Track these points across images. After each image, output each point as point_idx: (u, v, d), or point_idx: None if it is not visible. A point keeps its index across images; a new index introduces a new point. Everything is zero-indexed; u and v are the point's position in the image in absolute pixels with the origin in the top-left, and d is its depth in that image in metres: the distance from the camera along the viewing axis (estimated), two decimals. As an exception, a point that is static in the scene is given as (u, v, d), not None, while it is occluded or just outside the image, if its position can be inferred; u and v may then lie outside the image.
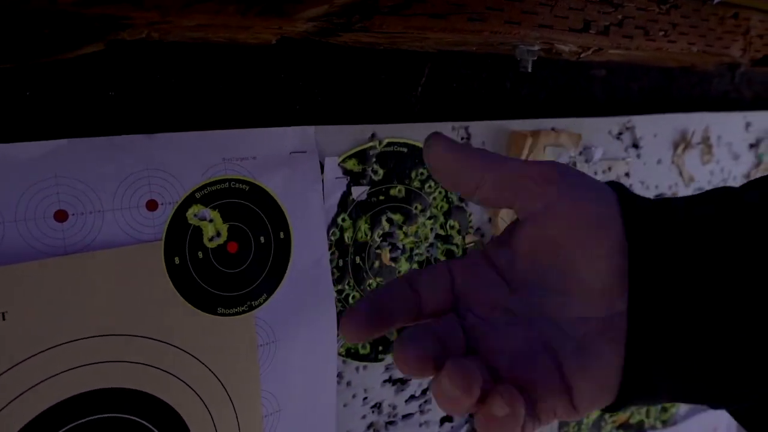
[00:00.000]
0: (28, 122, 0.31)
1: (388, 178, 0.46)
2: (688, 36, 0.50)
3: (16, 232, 0.31)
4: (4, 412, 0.31)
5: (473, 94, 0.51)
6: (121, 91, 0.34)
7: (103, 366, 0.34)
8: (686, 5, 0.49)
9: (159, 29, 0.29)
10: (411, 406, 0.51)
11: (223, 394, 0.38)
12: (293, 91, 0.41)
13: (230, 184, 0.38)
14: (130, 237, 0.35)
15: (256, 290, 0.39)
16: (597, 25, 0.43)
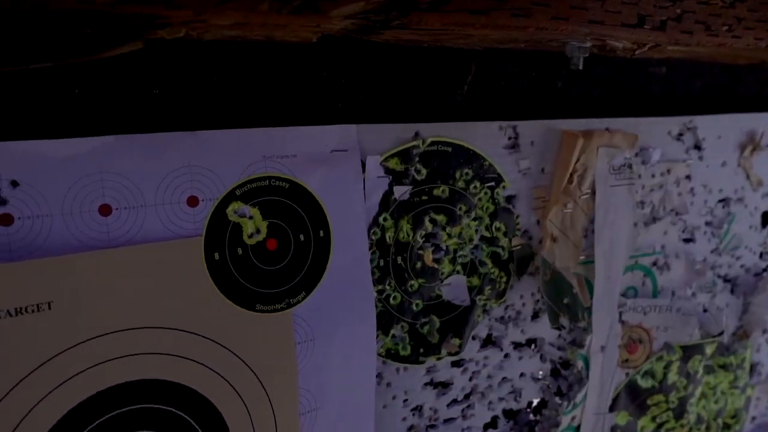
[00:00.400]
0: (74, 119, 0.32)
1: (431, 178, 0.45)
2: (755, 31, 0.47)
3: (63, 225, 0.32)
4: (49, 399, 0.32)
5: (522, 93, 0.50)
6: (165, 89, 0.35)
7: (143, 357, 0.35)
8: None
9: (195, 28, 0.29)
10: (453, 411, 0.50)
11: (260, 390, 0.38)
12: (335, 89, 0.41)
13: (270, 181, 0.38)
14: (171, 232, 0.35)
15: (294, 288, 0.39)
16: (653, 21, 0.41)
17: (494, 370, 0.52)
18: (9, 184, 0.31)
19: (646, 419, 0.61)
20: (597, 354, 0.56)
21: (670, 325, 0.58)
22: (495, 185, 0.48)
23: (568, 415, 0.56)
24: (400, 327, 0.46)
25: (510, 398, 0.53)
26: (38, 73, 0.31)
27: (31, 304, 0.31)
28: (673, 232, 0.58)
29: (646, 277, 0.58)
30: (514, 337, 0.52)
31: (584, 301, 0.53)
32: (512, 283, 0.51)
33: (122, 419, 0.35)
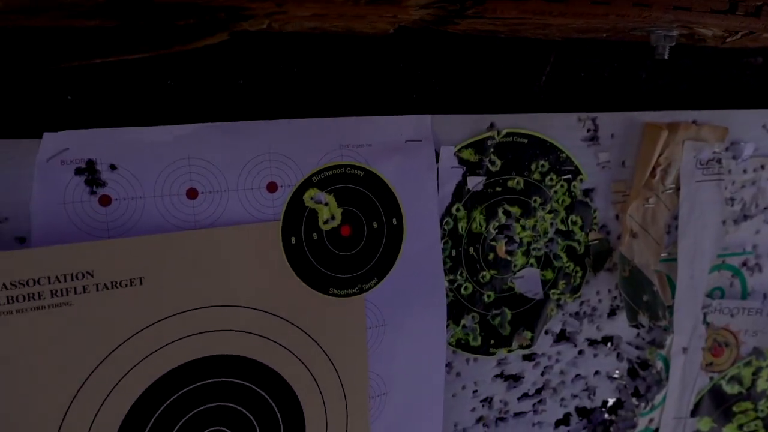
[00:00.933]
0: (166, 108, 0.35)
1: (506, 170, 0.45)
2: None
3: (154, 207, 0.35)
4: (138, 368, 0.35)
5: (603, 84, 0.48)
6: (248, 79, 0.36)
7: (223, 334, 0.37)
8: None
9: (277, 19, 0.31)
10: (524, 405, 0.50)
11: (331, 371, 0.40)
12: (411, 80, 0.42)
13: (346, 169, 0.39)
14: (251, 216, 0.37)
15: (367, 274, 0.41)
16: (746, 6, 0.39)
17: (567, 366, 0.51)
18: (108, 167, 0.34)
19: (731, 427, 0.58)
20: (678, 355, 0.54)
21: (760, 329, 0.55)
22: (572, 178, 0.47)
23: (646, 416, 0.54)
24: (471, 317, 0.46)
25: (584, 396, 0.52)
26: (134, 64, 0.33)
27: (125, 279, 0.34)
28: (767, 231, 0.55)
29: (735, 278, 0.55)
30: (589, 334, 0.51)
31: (665, 300, 0.51)
32: (588, 278, 0.50)
33: (202, 391, 0.37)
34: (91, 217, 0.34)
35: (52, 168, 0.33)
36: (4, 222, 0.32)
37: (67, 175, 0.33)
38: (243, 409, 0.38)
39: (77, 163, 0.33)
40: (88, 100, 0.33)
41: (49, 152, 0.33)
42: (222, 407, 0.37)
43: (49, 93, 0.33)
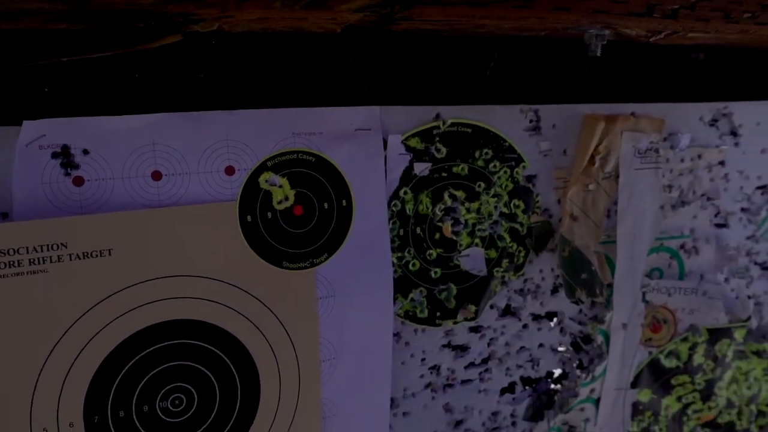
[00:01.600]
0: (133, 99, 0.39)
1: (451, 157, 0.49)
2: (783, 17, 0.47)
3: (122, 187, 0.39)
4: (107, 330, 0.39)
5: (546, 79, 0.52)
6: (209, 73, 0.40)
7: (185, 301, 0.41)
8: (781, -16, 0.46)
9: (226, 22, 0.35)
10: (470, 373, 0.55)
11: (284, 335, 0.44)
12: (361, 74, 0.46)
13: (298, 155, 0.44)
14: (211, 196, 0.41)
15: (318, 249, 0.45)
16: (662, 9, 0.42)
17: (512, 339, 0.55)
18: (81, 152, 0.38)
19: (670, 399, 0.62)
20: (618, 331, 0.58)
21: (695, 308, 0.59)
22: (515, 165, 0.51)
23: (587, 387, 0.59)
24: (419, 292, 0.50)
25: (528, 366, 0.57)
26: (105, 59, 0.37)
27: (96, 250, 0.38)
28: (704, 217, 0.59)
29: (673, 260, 0.59)
30: (533, 309, 0.56)
31: (603, 278, 0.56)
32: (531, 258, 0.54)
33: (166, 351, 0.41)
34: (66, 195, 0.38)
35: (31, 152, 0.37)
36: (-12, 199, 0.37)
37: (44, 158, 0.38)
38: (203, 368, 0.43)
39: (53, 148, 0.38)
40: (63, 92, 0.37)
41: (29, 138, 0.37)
42: (184, 366, 0.42)
43: (27, 86, 0.37)
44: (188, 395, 0.42)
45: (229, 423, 0.44)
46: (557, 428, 0.59)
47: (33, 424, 0.38)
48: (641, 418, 0.62)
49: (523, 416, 0.58)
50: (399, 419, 0.52)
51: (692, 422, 0.64)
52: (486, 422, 0.56)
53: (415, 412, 0.53)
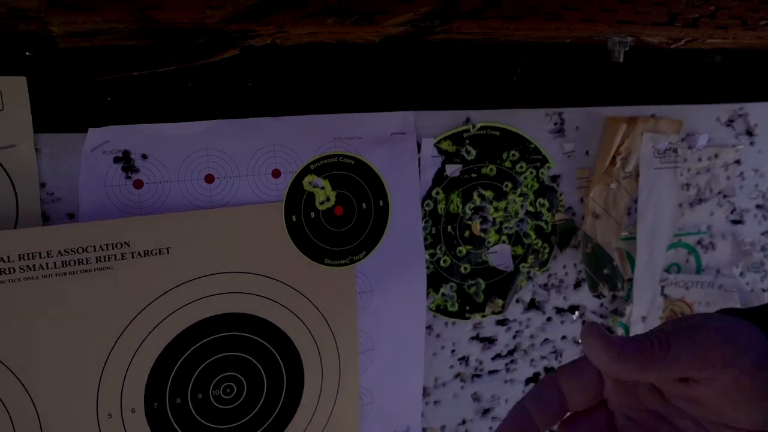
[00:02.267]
0: (189, 107, 0.42)
1: (480, 158, 0.52)
2: (798, 23, 0.50)
3: (178, 190, 0.42)
4: (165, 322, 0.42)
5: (569, 83, 0.55)
6: (256, 82, 0.43)
7: (235, 296, 0.44)
8: (796, -8, 0.48)
9: (279, 37, 0.37)
10: (497, 364, 0.57)
11: (326, 327, 0.47)
12: (397, 81, 0.48)
13: (339, 158, 0.46)
14: (258, 198, 0.44)
15: (357, 247, 0.48)
16: (683, 18, 0.45)
17: (537, 331, 0.58)
18: (140, 157, 0.41)
19: (687, 388, 0.64)
20: (638, 323, 0.60)
21: (711, 301, 0.62)
22: (540, 165, 0.54)
23: (608, 377, 0.61)
24: (449, 287, 0.53)
25: (551, 357, 0.60)
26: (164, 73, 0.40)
27: (155, 248, 0.41)
28: (720, 214, 0.61)
29: (690, 255, 0.61)
30: (557, 303, 0.58)
31: (624, 273, 0.58)
32: (555, 254, 0.56)
33: (218, 343, 0.44)
34: (127, 197, 0.41)
35: (96, 157, 0.40)
36: (57, 201, 0.40)
37: (107, 163, 0.40)
38: (252, 358, 0.45)
39: (115, 153, 0.41)
40: (124, 101, 0.40)
41: (93, 144, 0.40)
42: (234, 356, 0.45)
43: (93, 96, 0.40)
44: (238, 384, 0.45)
45: (276, 410, 0.47)
46: (579, 416, 0.62)
47: (99, 410, 0.41)
48: None
49: (546, 405, 0.60)
50: (430, 407, 0.55)
51: (708, 411, 0.67)
52: (512, 410, 0.59)
53: (446, 401, 0.55)
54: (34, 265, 0.38)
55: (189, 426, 0.44)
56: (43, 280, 0.38)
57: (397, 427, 0.53)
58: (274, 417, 0.47)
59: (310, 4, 0.34)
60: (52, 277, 0.39)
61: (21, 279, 0.38)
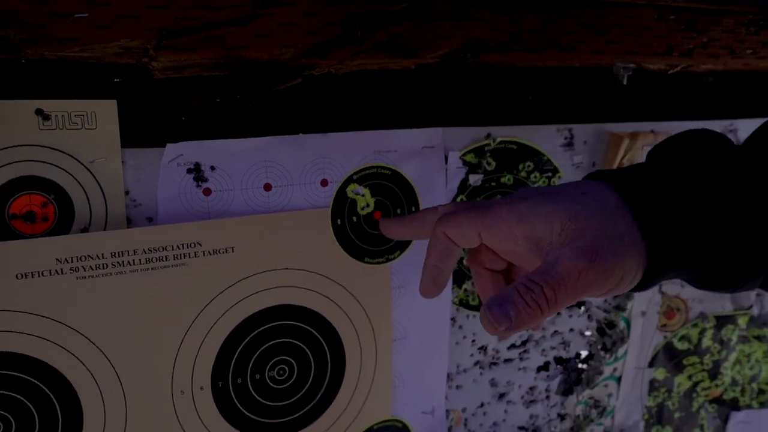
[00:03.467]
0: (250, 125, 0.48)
1: (499, 169, 0.58)
2: (780, 52, 0.56)
3: (240, 197, 0.48)
4: (230, 312, 0.49)
5: (578, 102, 0.61)
6: (308, 103, 0.49)
7: (288, 289, 0.50)
8: (779, 25, 0.55)
9: (335, 68, 0.44)
10: (512, 353, 0.64)
11: (365, 318, 0.54)
12: (429, 102, 0.55)
13: (378, 169, 0.53)
14: (309, 204, 0.51)
15: (392, 247, 0.54)
16: (680, 48, 0.51)
17: (547, 324, 0.65)
18: (209, 168, 0.47)
19: (682, 377, 0.71)
20: (638, 317, 0.67)
21: (704, 298, 0.68)
22: (552, 175, 0.60)
23: (610, 366, 0.68)
24: (471, 283, 0.59)
25: (560, 348, 0.66)
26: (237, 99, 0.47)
27: (222, 248, 0.48)
28: (712, 219, 0.68)
29: (685, 256, 0.68)
30: (565, 299, 0.65)
31: (626, 273, 0.65)
32: (564, 254, 0.63)
33: (274, 330, 0.51)
34: (197, 203, 0.47)
35: (171, 168, 0.46)
36: (139, 206, 0.46)
37: (181, 173, 0.47)
38: (302, 344, 0.52)
39: (188, 165, 0.47)
40: (196, 120, 0.46)
41: (170, 157, 0.46)
42: (286, 342, 0.51)
43: (170, 116, 0.46)
44: (290, 367, 0.52)
45: (321, 389, 0.53)
46: (584, 401, 0.68)
47: (174, 387, 0.47)
48: (657, 394, 0.71)
49: (555, 391, 0.67)
50: (453, 391, 0.61)
51: (701, 398, 0.73)
52: (524, 395, 0.65)
53: (466, 386, 0.62)
54: (122, 261, 0.45)
55: (247, 403, 0.51)
56: (129, 274, 0.45)
57: (424, 408, 0.59)
58: (319, 396, 0.53)
59: (363, 42, 0.41)
60: (137, 272, 0.45)
61: (112, 273, 0.44)
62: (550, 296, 0.36)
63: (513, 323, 0.36)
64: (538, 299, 0.36)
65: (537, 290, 0.36)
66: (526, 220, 0.39)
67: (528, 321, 0.36)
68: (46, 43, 0.35)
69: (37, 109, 0.41)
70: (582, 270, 0.36)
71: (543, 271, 0.37)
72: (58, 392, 0.44)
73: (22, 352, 0.42)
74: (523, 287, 0.36)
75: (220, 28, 0.37)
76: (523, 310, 0.36)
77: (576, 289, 0.36)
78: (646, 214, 0.37)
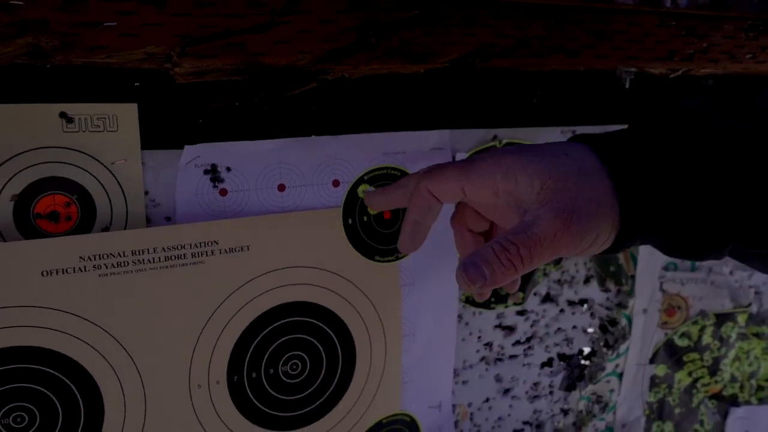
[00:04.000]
0: (265, 128, 0.49)
1: (505, 170, 0.59)
2: (779, 56, 0.58)
3: (256, 197, 0.50)
4: (245, 308, 0.50)
5: (581, 105, 0.63)
6: (320, 106, 0.51)
7: (301, 286, 0.52)
8: (777, 30, 0.56)
9: (349, 72, 0.45)
10: (516, 349, 0.65)
11: (375, 315, 0.55)
12: (436, 103, 0.56)
13: (387, 170, 0.54)
14: (321, 204, 0.52)
15: (401, 246, 0.56)
16: (681, 54, 0.53)
17: (551, 321, 0.66)
18: (225, 169, 0.49)
19: (682, 373, 0.73)
20: (639, 315, 0.69)
21: (704, 296, 0.70)
22: (556, 176, 0.62)
23: (612, 362, 0.69)
24: (477, 281, 0.61)
25: (564, 344, 0.68)
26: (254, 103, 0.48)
27: (238, 246, 0.49)
28: (712, 219, 0.69)
29: (686, 255, 0.69)
30: (569, 296, 0.66)
31: (628, 270, 0.66)
32: (568, 253, 0.65)
33: (287, 326, 0.52)
34: (214, 203, 0.49)
35: (189, 170, 0.48)
36: (158, 206, 0.48)
37: (198, 174, 0.48)
38: (314, 340, 0.53)
39: (205, 166, 0.48)
40: (213, 123, 0.48)
41: (187, 158, 0.48)
42: (299, 338, 0.53)
43: (188, 119, 0.47)
44: (302, 361, 0.53)
45: (332, 385, 0.55)
46: (587, 397, 0.70)
47: (191, 381, 0.49)
48: (658, 390, 0.73)
49: (558, 386, 0.69)
50: (459, 386, 0.63)
51: (701, 394, 0.75)
52: (529, 391, 0.67)
53: (472, 381, 0.64)
54: (142, 259, 0.46)
55: (261, 397, 0.52)
56: (149, 271, 0.46)
57: (431, 402, 0.61)
58: (330, 391, 0.55)
59: (377, 48, 0.42)
60: (156, 270, 0.47)
61: (133, 271, 0.46)
62: (525, 255, 0.38)
63: (487, 281, 0.38)
64: (513, 259, 0.38)
65: (513, 250, 0.38)
66: (510, 173, 0.41)
67: (502, 279, 0.38)
68: (76, 50, 0.37)
69: (61, 112, 0.42)
70: (558, 231, 0.37)
71: (520, 231, 0.38)
72: (80, 385, 0.45)
73: (46, 346, 0.44)
74: (499, 246, 0.38)
75: (241, 35, 0.39)
76: (498, 269, 0.38)
77: (551, 248, 0.38)
78: (622, 179, 0.39)
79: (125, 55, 0.38)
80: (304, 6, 0.41)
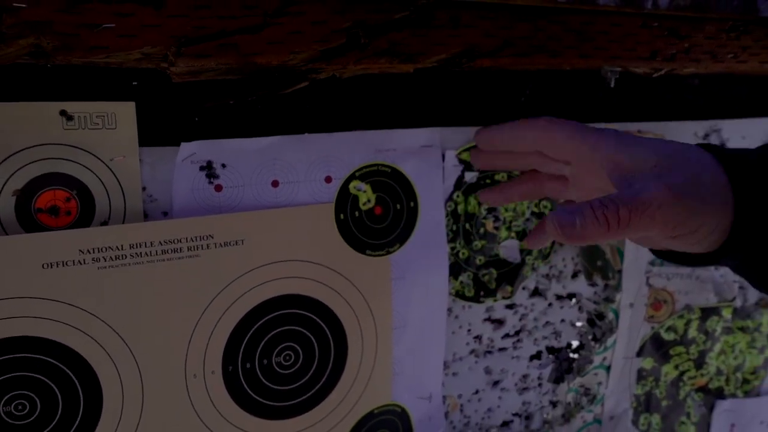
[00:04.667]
0: (260, 125, 0.51)
1: (493, 167, 0.61)
2: (760, 56, 0.59)
3: (250, 193, 0.52)
4: (240, 301, 0.52)
5: (568, 103, 0.64)
6: (313, 104, 0.53)
7: (294, 279, 0.54)
8: (758, 31, 0.58)
9: (339, 72, 0.47)
10: (505, 342, 0.67)
11: (366, 308, 0.57)
12: (426, 103, 0.58)
13: (378, 167, 0.56)
14: (314, 199, 0.54)
15: (392, 241, 0.57)
16: (663, 54, 0.54)
17: (539, 315, 0.68)
18: (221, 165, 0.50)
19: (669, 366, 0.74)
20: (626, 309, 0.70)
21: (690, 290, 0.71)
22: (543, 173, 0.63)
23: (600, 355, 0.71)
24: (466, 275, 0.63)
25: (552, 338, 0.69)
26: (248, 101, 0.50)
27: (233, 240, 0.51)
28: (697, 215, 0.71)
29: (671, 251, 0.71)
30: (557, 291, 0.68)
31: (615, 265, 0.68)
32: (555, 248, 0.66)
33: (280, 318, 0.54)
34: (210, 199, 0.50)
35: (185, 166, 0.49)
36: (155, 201, 0.49)
37: (194, 170, 0.50)
38: (306, 331, 0.55)
39: (201, 163, 0.50)
40: (209, 121, 0.50)
41: (184, 155, 0.49)
42: (292, 330, 0.54)
43: (184, 117, 0.49)
44: (295, 352, 0.55)
45: (325, 374, 0.56)
46: (575, 389, 0.72)
47: (187, 370, 0.51)
48: (645, 383, 0.74)
49: (547, 379, 0.70)
50: (449, 378, 0.64)
51: (687, 387, 0.77)
52: (518, 383, 0.69)
53: (462, 373, 0.65)
54: (140, 252, 0.48)
55: (255, 386, 0.54)
56: (146, 264, 0.48)
57: (422, 394, 0.63)
58: (323, 381, 0.56)
59: (366, 48, 0.44)
60: (154, 263, 0.48)
61: (130, 264, 0.47)
62: (623, 216, 0.37)
63: (576, 232, 0.37)
64: (610, 216, 0.37)
65: (612, 207, 0.37)
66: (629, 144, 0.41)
67: (591, 234, 0.37)
68: (76, 50, 0.38)
69: (61, 111, 0.44)
70: (665, 202, 0.37)
71: (623, 194, 0.38)
72: (80, 375, 0.47)
73: (47, 336, 0.45)
74: (597, 203, 0.38)
75: (235, 36, 0.40)
76: (591, 222, 0.37)
77: (653, 218, 0.37)
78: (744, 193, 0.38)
79: (123, 55, 0.40)
80: (296, 8, 0.43)
